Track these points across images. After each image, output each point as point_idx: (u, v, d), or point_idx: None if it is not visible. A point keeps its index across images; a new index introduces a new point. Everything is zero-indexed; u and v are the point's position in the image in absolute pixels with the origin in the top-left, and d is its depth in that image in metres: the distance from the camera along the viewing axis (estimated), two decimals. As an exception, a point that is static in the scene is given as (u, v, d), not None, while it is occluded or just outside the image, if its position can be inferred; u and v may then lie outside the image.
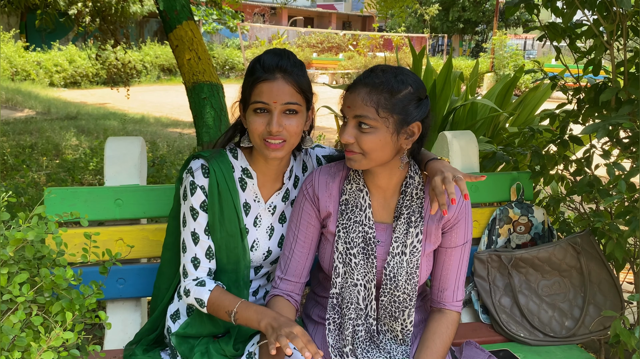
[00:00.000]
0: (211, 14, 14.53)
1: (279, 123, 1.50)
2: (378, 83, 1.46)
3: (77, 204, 1.85)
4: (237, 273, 1.63)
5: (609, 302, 2.03)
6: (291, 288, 1.65)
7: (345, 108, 1.50)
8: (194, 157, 1.64)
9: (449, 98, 3.35)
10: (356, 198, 1.60)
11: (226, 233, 1.60)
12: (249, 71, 1.56)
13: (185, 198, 1.61)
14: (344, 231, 1.59)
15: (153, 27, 24.83)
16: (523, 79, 15.30)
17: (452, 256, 1.63)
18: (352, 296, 1.58)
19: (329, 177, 1.64)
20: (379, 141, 1.46)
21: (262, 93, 1.50)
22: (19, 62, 16.09)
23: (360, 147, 1.47)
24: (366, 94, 1.46)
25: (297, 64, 1.55)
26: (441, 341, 1.57)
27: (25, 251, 1.38)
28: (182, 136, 8.47)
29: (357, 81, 1.50)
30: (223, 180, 1.60)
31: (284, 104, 1.50)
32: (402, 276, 1.57)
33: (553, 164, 2.26)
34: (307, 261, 1.66)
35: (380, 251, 1.60)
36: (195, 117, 3.30)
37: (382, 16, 6.43)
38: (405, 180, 1.59)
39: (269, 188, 1.68)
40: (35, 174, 5.41)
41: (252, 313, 1.50)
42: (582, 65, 2.23)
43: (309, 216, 1.64)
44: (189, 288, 1.59)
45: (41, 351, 1.19)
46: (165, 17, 3.27)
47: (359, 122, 1.46)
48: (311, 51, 24.30)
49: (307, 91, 1.56)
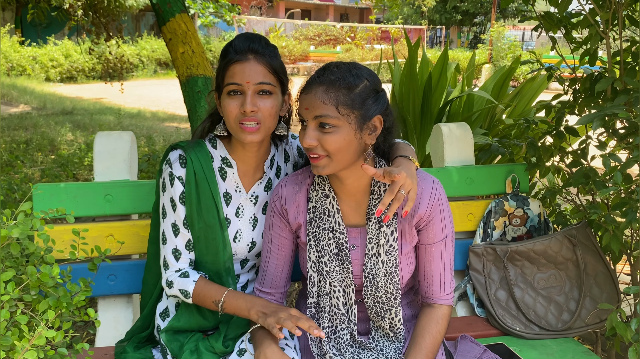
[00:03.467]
0: (207, 7, 14.45)
1: (253, 103, 1.49)
2: (334, 79, 1.41)
3: (66, 200, 1.83)
4: (216, 264, 1.62)
5: (606, 295, 2.02)
6: (271, 298, 1.63)
7: (302, 111, 1.43)
8: (172, 147, 1.64)
9: (445, 89, 3.33)
10: (323, 205, 1.55)
11: (204, 224, 1.59)
12: (221, 55, 1.56)
13: (164, 190, 1.61)
14: (315, 240, 1.55)
15: (149, 20, 24.72)
16: (521, 70, 15.27)
17: (432, 252, 1.58)
18: (325, 305, 1.56)
19: (294, 186, 1.60)
20: (343, 139, 1.41)
21: (234, 75, 1.50)
22: (15, 57, 16.03)
23: (324, 148, 1.41)
24: (323, 92, 1.40)
25: (269, 46, 1.55)
26: (431, 337, 1.54)
27: (11, 249, 1.35)
28: (179, 130, 8.44)
29: (311, 81, 1.45)
30: (200, 169, 1.59)
31: (257, 84, 1.49)
32: (381, 278, 1.53)
33: (549, 156, 2.23)
34: (284, 273, 1.64)
35: (357, 256, 1.56)
36: (189, 110, 3.28)
37: (378, 8, 6.41)
38: (373, 179, 1.54)
39: (250, 177, 1.67)
40: (30, 170, 5.39)
41: (242, 301, 1.51)
42: (578, 55, 2.21)
43: (279, 229, 1.61)
44: (172, 280, 1.59)
45: (24, 351, 1.16)
46: (158, 10, 3.24)
47: (320, 122, 1.40)
48: (309, 44, 24.24)
49: (280, 72, 1.55)
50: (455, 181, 2.16)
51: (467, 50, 26.38)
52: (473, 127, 2.87)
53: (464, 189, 2.17)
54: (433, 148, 2.30)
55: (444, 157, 2.21)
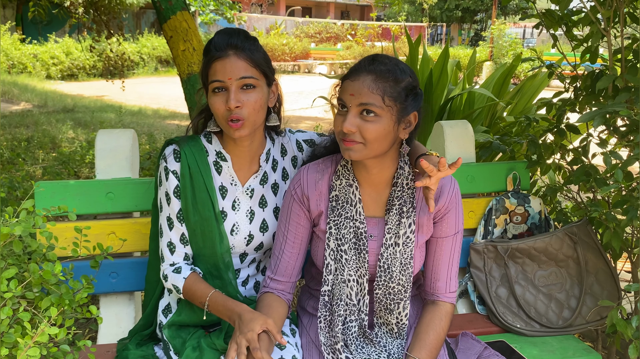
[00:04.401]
0: (208, 4, 14.44)
1: (237, 99, 1.50)
2: (384, 70, 1.44)
3: (68, 198, 1.83)
4: (214, 257, 1.63)
5: (606, 292, 2.02)
6: (282, 287, 1.64)
7: (347, 96, 1.45)
8: (168, 142, 1.66)
9: (445, 87, 3.32)
10: (346, 194, 1.57)
11: (200, 217, 1.60)
12: (203, 53, 1.57)
13: (160, 184, 1.63)
14: (336, 228, 1.57)
15: (150, 18, 24.70)
16: (521, 68, 15.24)
17: (443, 247, 1.61)
18: (342, 293, 1.57)
19: (317, 174, 1.61)
20: (382, 130, 1.43)
21: (216, 72, 1.51)
22: (16, 55, 16.02)
23: (362, 136, 1.43)
24: (372, 81, 1.42)
25: (249, 39, 1.55)
26: (435, 333, 1.56)
27: (14, 246, 1.36)
28: (180, 128, 8.43)
29: (360, 68, 1.46)
30: (195, 163, 1.60)
31: (239, 79, 1.50)
32: (397, 267, 1.55)
33: (550, 153, 2.24)
34: (298, 261, 1.64)
35: (373, 245, 1.59)
36: (190, 108, 3.28)
37: (379, 5, 6.40)
38: (396, 171, 1.57)
39: (245, 171, 1.68)
40: (31, 167, 5.39)
41: (221, 308, 1.52)
42: (579, 53, 2.21)
43: (297, 216, 1.61)
44: (167, 274, 1.61)
45: (27, 348, 1.17)
46: (159, 8, 3.24)
47: (364, 109, 1.42)
48: (309, 41, 24.21)
49: (262, 65, 1.55)
50: (456, 179, 2.15)
51: (467, 47, 26.34)
52: (474, 125, 2.87)
53: (465, 187, 2.17)
54: (434, 145, 2.31)
55: (445, 154, 2.21)
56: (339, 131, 1.47)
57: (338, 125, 1.46)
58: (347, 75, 1.48)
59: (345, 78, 1.48)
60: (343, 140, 1.46)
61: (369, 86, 1.42)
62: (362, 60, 1.50)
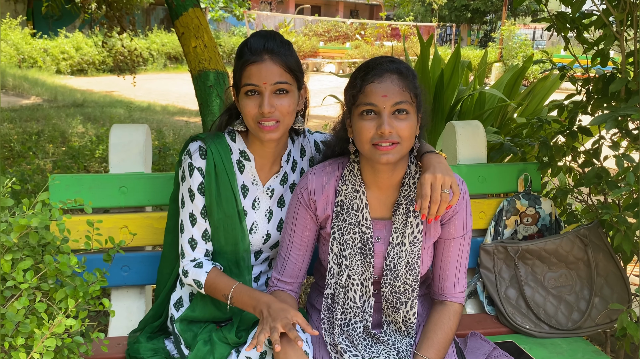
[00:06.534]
0: (217, 1, 14.46)
1: (271, 103, 1.51)
2: (403, 69, 1.45)
3: (82, 191, 1.85)
4: (236, 254, 1.64)
5: (616, 295, 2.02)
6: (289, 288, 1.65)
7: (378, 99, 1.42)
8: (192, 139, 1.66)
9: (456, 87, 3.32)
10: (352, 200, 1.57)
11: (224, 214, 1.61)
12: (237, 55, 1.57)
13: (183, 180, 1.63)
14: (339, 233, 1.57)
15: (160, 14, 24.74)
16: (532, 70, 15.18)
17: (451, 248, 1.61)
18: (343, 297, 1.57)
19: (324, 178, 1.60)
20: (413, 126, 1.46)
21: (251, 76, 1.52)
22: (26, 49, 16.11)
23: (398, 135, 1.42)
24: (399, 80, 1.43)
25: (284, 44, 1.56)
26: (443, 333, 1.56)
27: (30, 238, 1.37)
28: (189, 124, 8.46)
29: (381, 69, 1.44)
30: (220, 161, 1.61)
31: (273, 84, 1.51)
32: (402, 267, 1.55)
33: (561, 155, 2.23)
34: (304, 264, 1.65)
35: (380, 247, 1.58)
36: (201, 105, 3.29)
37: (389, 5, 6.39)
38: (405, 174, 1.56)
39: (267, 171, 1.69)
40: (42, 161, 5.43)
41: (246, 298, 1.51)
42: (589, 56, 2.20)
43: (304, 220, 1.61)
44: (187, 269, 1.61)
45: (44, 338, 1.18)
46: (171, 4, 3.25)
47: (398, 109, 1.42)
48: (318, 40, 24.20)
49: (295, 70, 1.56)
50: (467, 179, 2.16)
51: (477, 48, 26.24)
52: (484, 126, 2.87)
53: (476, 187, 2.17)
54: (445, 145, 2.31)
55: (456, 154, 2.21)
56: (372, 136, 1.43)
57: (370, 131, 1.43)
58: (369, 78, 1.44)
59: (367, 82, 1.44)
60: (378, 145, 1.43)
61: (399, 84, 1.43)
62: (371, 63, 1.48)
